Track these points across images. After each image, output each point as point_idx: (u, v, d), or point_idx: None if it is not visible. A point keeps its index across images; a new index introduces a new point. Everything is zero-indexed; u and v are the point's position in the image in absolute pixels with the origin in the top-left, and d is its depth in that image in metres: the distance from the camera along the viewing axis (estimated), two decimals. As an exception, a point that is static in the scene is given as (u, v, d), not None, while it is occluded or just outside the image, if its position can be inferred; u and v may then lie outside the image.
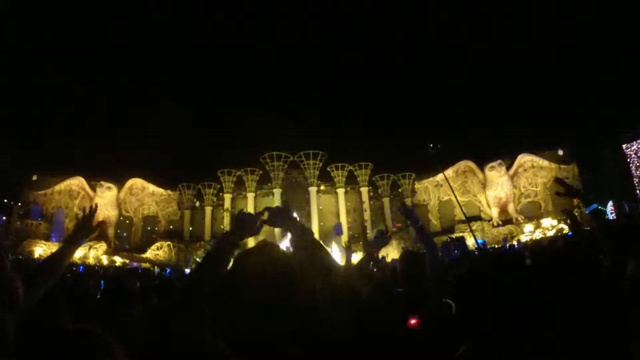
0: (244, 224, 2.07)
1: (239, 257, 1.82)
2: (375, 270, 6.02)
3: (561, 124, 47.93)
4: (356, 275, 4.05)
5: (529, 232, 43.12)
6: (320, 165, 50.85)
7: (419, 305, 2.78)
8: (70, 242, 2.74)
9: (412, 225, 3.72)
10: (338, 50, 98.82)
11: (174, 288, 5.01)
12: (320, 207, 51.27)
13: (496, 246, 34.97)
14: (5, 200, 45.04)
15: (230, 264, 1.87)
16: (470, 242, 42.71)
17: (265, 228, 2.20)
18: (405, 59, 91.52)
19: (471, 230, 34.89)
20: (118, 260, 44.35)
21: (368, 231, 49.14)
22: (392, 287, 3.79)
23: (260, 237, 2.48)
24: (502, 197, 46.95)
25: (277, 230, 21.15)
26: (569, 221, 4.86)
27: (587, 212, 3.06)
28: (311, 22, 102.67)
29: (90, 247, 45.03)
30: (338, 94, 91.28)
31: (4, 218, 44.50)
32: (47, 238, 45.17)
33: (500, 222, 46.63)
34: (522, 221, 45.44)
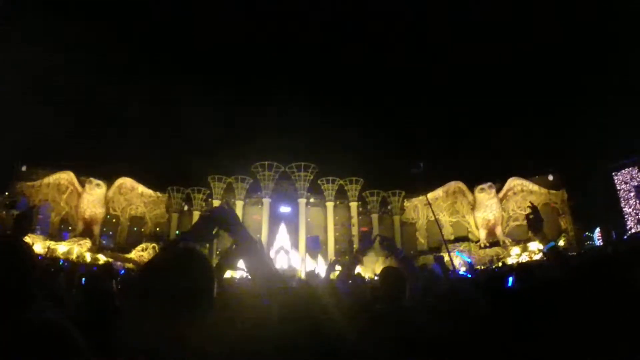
0: (207, 225, 1.99)
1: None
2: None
3: (553, 150, 48.26)
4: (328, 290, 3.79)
5: (515, 255, 43.00)
6: (311, 177, 50.98)
7: (397, 323, 2.70)
8: None
9: (395, 257, 3.70)
10: (336, 65, 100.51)
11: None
12: (309, 220, 51.13)
13: (481, 267, 34.77)
14: (-7, 190, 44.84)
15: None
16: (456, 262, 42.75)
17: None
18: (400, 78, 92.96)
19: (448, 251, 34.55)
20: (101, 258, 43.72)
21: (355, 246, 48.88)
22: (370, 304, 3.77)
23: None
24: (491, 219, 47.00)
25: None
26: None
27: (545, 250, 3.10)
28: (309, 32, 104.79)
29: (74, 244, 44.81)
30: (333, 108, 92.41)
31: (-10, 207, 44.19)
32: (32, 231, 44.43)
33: (488, 244, 46.57)
34: (509, 244, 45.29)
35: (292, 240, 49.84)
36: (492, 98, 73.66)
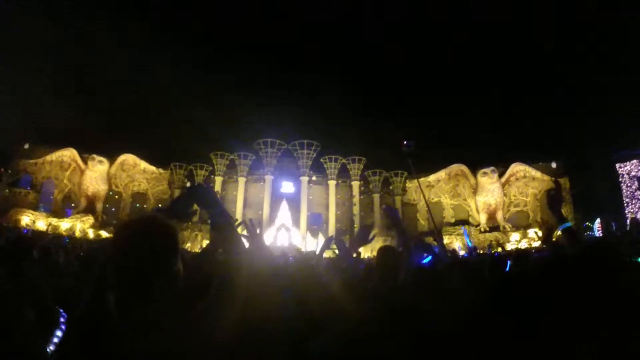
0: (185, 201, 1.89)
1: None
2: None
3: (557, 138, 47.48)
4: (326, 268, 3.92)
5: (515, 241, 43.19)
6: (314, 155, 50.73)
7: (390, 300, 2.73)
8: None
9: (395, 227, 3.55)
10: (341, 43, 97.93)
11: None
12: (310, 198, 51.32)
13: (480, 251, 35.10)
14: (-5, 167, 44.94)
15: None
16: (457, 245, 43.15)
17: None
18: (408, 58, 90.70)
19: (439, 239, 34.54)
20: (104, 234, 44.44)
21: (356, 225, 49.31)
22: (364, 282, 3.72)
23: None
24: (492, 204, 46.92)
25: None
26: (541, 233, 4.92)
27: (561, 229, 3.01)
28: (313, 14, 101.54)
29: (77, 220, 45.37)
30: (337, 87, 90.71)
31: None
32: (35, 208, 45.04)
33: (488, 229, 46.70)
34: (509, 229, 45.48)
35: (294, 217, 50.22)
36: (500, 83, 71.70)
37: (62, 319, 2.54)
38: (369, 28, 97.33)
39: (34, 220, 43.49)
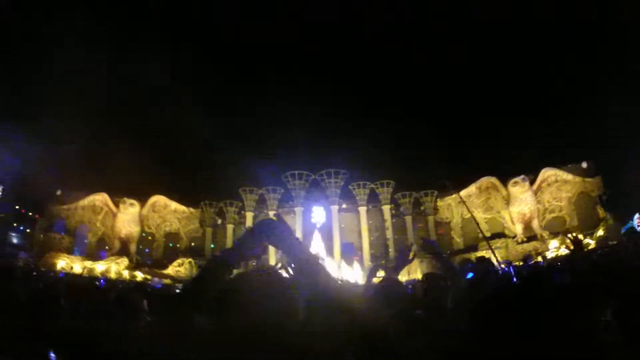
0: (252, 239, 1.88)
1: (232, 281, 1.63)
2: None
3: (583, 138, 47.76)
4: (377, 301, 3.72)
5: (554, 249, 42.04)
6: (342, 183, 51.14)
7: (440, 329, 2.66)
8: None
9: (437, 260, 3.61)
10: (360, 68, 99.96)
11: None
12: (342, 226, 51.12)
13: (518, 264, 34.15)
14: (30, 214, 45.35)
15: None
16: (494, 260, 42.23)
17: None
18: (424, 75, 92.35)
19: (491, 250, 33.99)
20: (139, 275, 44.04)
21: (390, 250, 48.76)
22: (411, 310, 3.61)
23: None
24: (526, 213, 46.31)
25: None
26: (570, 243, 4.90)
27: (624, 231, 3.01)
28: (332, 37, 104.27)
29: (112, 262, 45.09)
30: (359, 112, 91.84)
31: (27, 230, 44.69)
32: (69, 251, 45.19)
33: (525, 239, 45.73)
34: (547, 237, 44.41)
35: (326, 246, 49.71)
36: (517, 89, 73.06)
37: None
38: (390, 44, 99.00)
39: (69, 263, 43.29)
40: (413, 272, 41.45)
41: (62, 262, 43.09)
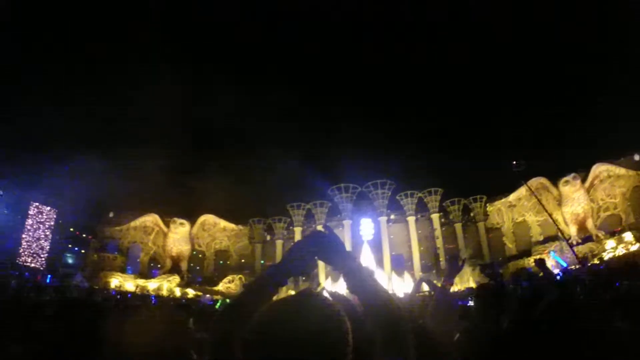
0: (299, 252, 1.61)
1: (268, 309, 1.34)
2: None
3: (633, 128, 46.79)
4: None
5: (611, 249, 39.89)
6: (389, 194, 51.11)
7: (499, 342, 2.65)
8: None
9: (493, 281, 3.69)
10: (403, 78, 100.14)
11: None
12: (391, 237, 50.68)
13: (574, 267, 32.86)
14: (84, 235, 45.85)
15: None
16: (549, 263, 41.07)
17: None
18: (459, 77, 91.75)
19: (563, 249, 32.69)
20: (190, 292, 43.97)
21: (441, 259, 47.94)
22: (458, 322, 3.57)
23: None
24: (580, 213, 44.89)
25: None
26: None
27: None
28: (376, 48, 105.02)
29: (164, 280, 45.10)
30: (402, 122, 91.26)
31: (82, 251, 45.05)
32: (123, 270, 45.69)
33: (580, 240, 43.83)
34: (602, 237, 42.38)
35: (376, 258, 49.13)
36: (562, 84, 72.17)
37: None
38: (436, 50, 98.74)
39: (122, 282, 43.45)
40: (465, 282, 40.71)
41: (115, 281, 43.33)
